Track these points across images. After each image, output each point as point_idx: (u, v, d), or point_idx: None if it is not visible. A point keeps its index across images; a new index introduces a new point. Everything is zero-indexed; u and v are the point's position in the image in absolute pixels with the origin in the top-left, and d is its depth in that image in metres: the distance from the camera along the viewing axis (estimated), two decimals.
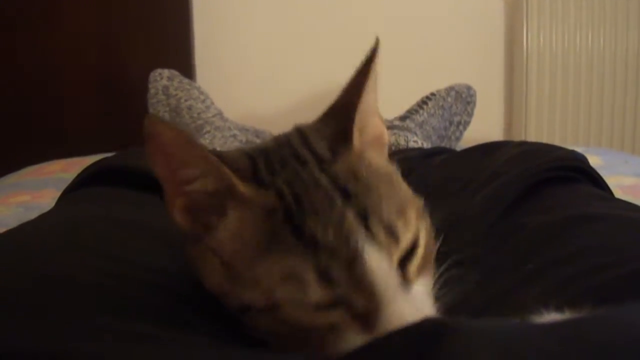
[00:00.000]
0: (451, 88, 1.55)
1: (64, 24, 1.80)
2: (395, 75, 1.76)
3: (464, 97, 1.55)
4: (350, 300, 0.37)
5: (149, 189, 0.66)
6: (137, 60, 1.83)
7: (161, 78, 1.55)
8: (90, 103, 1.85)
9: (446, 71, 1.79)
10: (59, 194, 0.72)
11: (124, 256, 0.47)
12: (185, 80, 1.58)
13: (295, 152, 0.43)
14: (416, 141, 1.36)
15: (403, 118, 1.51)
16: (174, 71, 1.58)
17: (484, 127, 1.83)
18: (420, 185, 0.47)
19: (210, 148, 0.51)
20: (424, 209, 0.44)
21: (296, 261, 0.37)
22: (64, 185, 0.73)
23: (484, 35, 2.06)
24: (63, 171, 1.28)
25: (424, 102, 1.53)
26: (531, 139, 1.97)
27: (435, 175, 0.83)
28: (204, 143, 1.35)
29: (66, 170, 1.27)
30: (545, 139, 1.97)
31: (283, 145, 0.44)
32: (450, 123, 1.53)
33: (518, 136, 2.04)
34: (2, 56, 1.78)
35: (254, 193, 0.40)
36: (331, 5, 2.00)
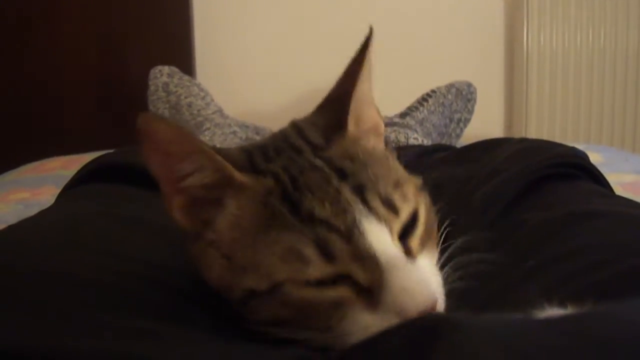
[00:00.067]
0: (451, 85, 1.55)
1: (64, 24, 1.80)
2: (396, 73, 1.76)
3: (465, 94, 1.54)
4: (352, 274, 0.37)
5: (148, 186, 0.66)
6: (137, 59, 1.82)
7: (161, 75, 1.55)
8: (90, 103, 1.85)
9: (447, 69, 1.79)
10: (58, 191, 0.72)
11: (123, 252, 0.47)
12: (185, 77, 1.58)
13: (291, 143, 0.43)
14: (416, 138, 1.36)
15: (403, 115, 1.50)
16: (174, 68, 1.58)
17: (485, 125, 1.83)
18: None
19: (209, 144, 0.51)
20: (422, 187, 0.44)
21: (295, 237, 0.37)
22: (64, 182, 0.73)
23: (484, 33, 2.06)
24: (62, 168, 1.28)
25: (424, 99, 1.53)
26: (531, 136, 1.97)
27: (435, 172, 0.83)
28: (204, 140, 1.34)
29: (66, 167, 1.27)
30: (545, 137, 1.97)
31: (278, 139, 0.45)
32: (451, 120, 1.53)
33: (518, 133, 2.04)
34: (2, 56, 1.77)
35: (252, 180, 0.40)
36: (331, 2, 2.00)
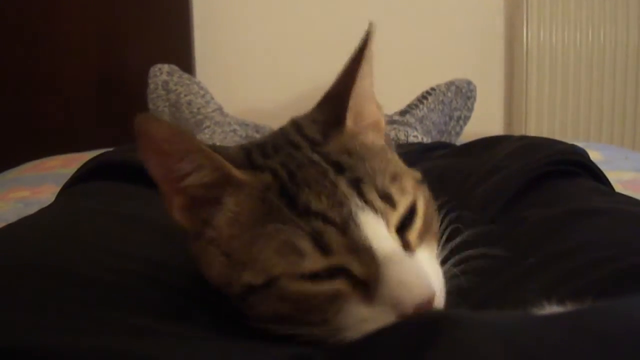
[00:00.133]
0: (451, 83, 1.55)
1: (64, 24, 1.79)
2: (396, 71, 1.75)
3: (464, 92, 1.54)
4: (348, 267, 0.37)
5: (147, 184, 0.66)
6: (137, 58, 1.82)
7: (161, 73, 1.54)
8: (90, 101, 1.85)
9: (446, 67, 1.78)
10: (58, 189, 0.73)
11: (123, 250, 0.47)
12: (185, 75, 1.58)
13: (289, 139, 0.43)
14: (416, 136, 1.36)
15: (403, 113, 1.50)
16: (174, 66, 1.58)
17: (484, 122, 1.83)
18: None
19: (209, 143, 0.51)
20: (421, 181, 0.44)
21: (290, 231, 0.37)
22: (64, 181, 0.73)
23: (484, 31, 2.05)
24: (62, 166, 1.28)
25: (424, 97, 1.53)
26: (531, 134, 1.97)
27: (435, 170, 0.83)
28: (204, 138, 1.34)
29: (66, 165, 1.27)
30: (545, 135, 1.97)
31: (278, 136, 0.45)
32: (451, 118, 1.53)
33: (518, 131, 2.04)
34: (2, 56, 1.77)
35: (250, 176, 0.41)
36: (331, 1, 1.99)
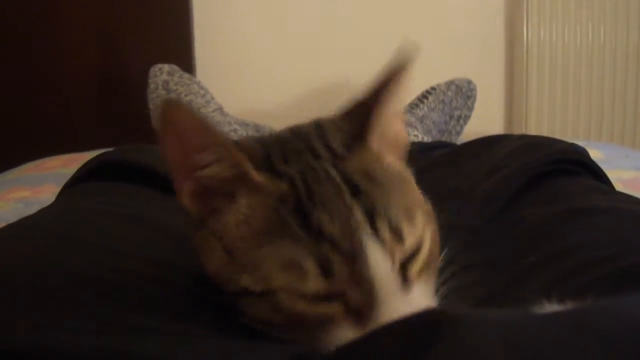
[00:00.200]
0: (451, 82, 1.55)
1: (64, 24, 1.79)
2: None
3: (464, 91, 1.54)
4: (347, 295, 0.37)
5: (148, 184, 0.66)
6: (137, 58, 1.82)
7: (161, 73, 1.54)
8: (90, 101, 1.84)
9: (446, 66, 1.78)
10: (59, 189, 0.73)
11: (124, 249, 0.47)
12: (186, 75, 1.58)
13: (310, 145, 0.43)
14: (416, 135, 1.36)
15: (403, 112, 1.50)
16: (174, 66, 1.58)
17: (485, 121, 1.83)
18: (421, 180, 0.46)
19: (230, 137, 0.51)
20: (432, 214, 0.44)
21: (298, 249, 0.37)
22: (64, 181, 0.73)
23: (484, 30, 2.05)
24: (63, 166, 1.28)
25: (424, 96, 1.53)
26: (531, 133, 1.97)
27: (435, 169, 0.83)
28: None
29: (66, 165, 1.27)
30: (545, 133, 1.97)
31: (299, 137, 0.44)
32: (451, 117, 1.53)
33: (518, 130, 2.04)
34: (2, 56, 1.77)
35: (267, 181, 0.40)
36: (331, 1, 1.99)
